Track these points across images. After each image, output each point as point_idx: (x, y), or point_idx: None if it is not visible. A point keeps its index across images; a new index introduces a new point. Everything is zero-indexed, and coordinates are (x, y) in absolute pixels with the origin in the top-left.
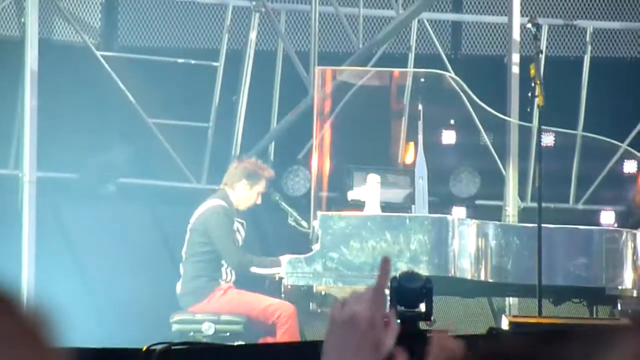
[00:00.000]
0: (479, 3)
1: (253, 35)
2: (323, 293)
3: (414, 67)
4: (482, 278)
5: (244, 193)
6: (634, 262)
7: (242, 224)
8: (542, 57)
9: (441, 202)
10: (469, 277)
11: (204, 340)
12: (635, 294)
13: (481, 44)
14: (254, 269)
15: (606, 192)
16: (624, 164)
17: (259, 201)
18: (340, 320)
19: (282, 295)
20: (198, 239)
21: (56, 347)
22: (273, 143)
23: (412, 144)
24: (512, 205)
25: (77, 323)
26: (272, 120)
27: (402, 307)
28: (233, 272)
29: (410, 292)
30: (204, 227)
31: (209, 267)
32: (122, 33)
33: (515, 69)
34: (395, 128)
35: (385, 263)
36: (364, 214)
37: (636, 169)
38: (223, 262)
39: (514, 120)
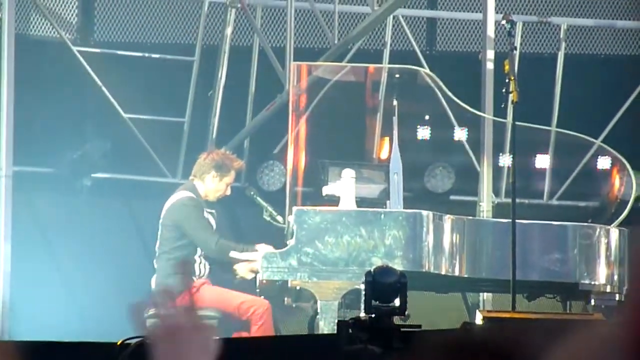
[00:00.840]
0: (454, 0)
1: (229, 30)
2: (298, 288)
3: (389, 63)
4: (457, 273)
5: (213, 184)
6: (607, 257)
7: (212, 213)
8: (517, 53)
9: (416, 197)
10: (443, 272)
11: None
12: (608, 289)
13: (456, 40)
14: (232, 254)
15: (580, 188)
16: (598, 160)
17: (228, 192)
18: (161, 340)
19: (257, 290)
20: (169, 234)
21: None
22: (248, 138)
23: (387, 139)
24: (486, 201)
25: (53, 317)
26: (248, 115)
27: (377, 302)
28: (207, 267)
29: (384, 287)
30: (173, 222)
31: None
32: (99, 28)
33: (490, 65)
34: (370, 123)
35: (184, 265)
36: (339, 209)
37: (610, 165)
38: (196, 257)
39: (488, 116)
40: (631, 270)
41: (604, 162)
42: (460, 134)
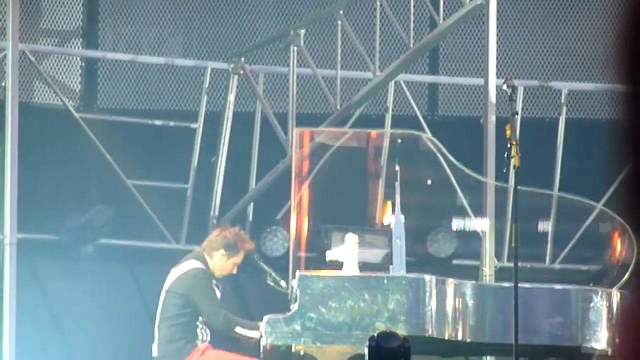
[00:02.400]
0: (455, 65)
1: (231, 96)
2: (302, 353)
3: (391, 128)
4: (460, 338)
5: (220, 262)
6: (609, 320)
7: (217, 285)
8: (518, 118)
9: (418, 261)
10: (446, 336)
11: None
12: (610, 353)
13: (457, 105)
14: (238, 329)
15: (582, 251)
16: (600, 223)
17: (234, 271)
18: None
19: (261, 355)
20: (175, 302)
21: None
22: (252, 204)
23: (389, 203)
24: (488, 265)
25: None
26: (251, 181)
27: None
28: (208, 332)
29: (388, 352)
30: (183, 291)
31: (185, 330)
32: (102, 95)
33: (492, 130)
34: (373, 188)
35: None
36: (342, 274)
37: (611, 229)
38: (198, 323)
39: (490, 180)
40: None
41: (605, 226)
42: (482, 224)
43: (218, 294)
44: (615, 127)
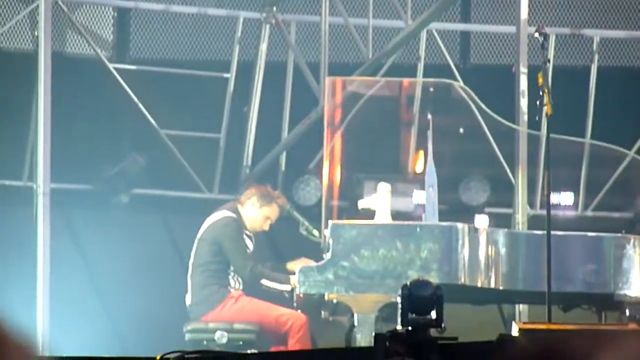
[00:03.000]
0: (487, 13)
1: (263, 46)
2: (335, 301)
3: (423, 77)
4: (492, 285)
5: (251, 212)
6: None
7: (250, 237)
8: (550, 66)
9: (451, 210)
10: (479, 284)
11: (217, 349)
12: None
13: (489, 53)
14: (264, 282)
15: (614, 199)
16: (632, 171)
17: (266, 227)
18: None
19: (294, 304)
20: (207, 248)
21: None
22: (284, 153)
23: (421, 152)
24: (521, 213)
25: (91, 333)
26: (283, 130)
27: (413, 315)
28: (240, 280)
29: (421, 300)
30: (214, 238)
31: (217, 276)
32: (134, 45)
33: (524, 78)
34: (405, 137)
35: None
36: (374, 222)
37: None
38: (230, 271)
39: (522, 128)
40: None
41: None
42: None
43: (250, 245)
44: None
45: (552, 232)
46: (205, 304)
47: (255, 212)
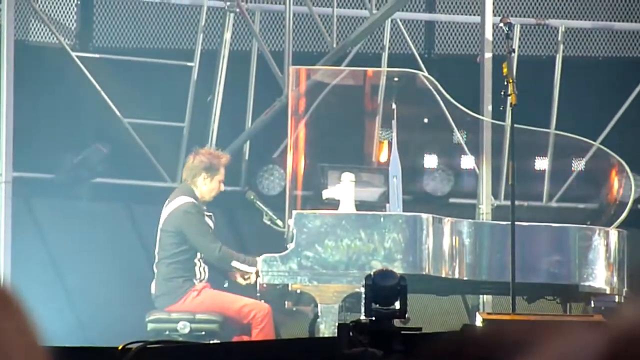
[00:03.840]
0: (452, 3)
1: (227, 35)
2: (298, 292)
3: (388, 66)
4: (457, 276)
5: (206, 186)
6: (607, 259)
7: (210, 216)
8: (515, 56)
9: (415, 200)
10: (443, 275)
11: (180, 339)
12: (607, 291)
13: (454, 43)
14: (234, 263)
15: (578, 190)
16: (596, 161)
17: (222, 188)
18: None
19: (257, 294)
20: (170, 240)
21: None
22: (248, 142)
23: (385, 142)
24: (485, 204)
25: (53, 322)
26: (247, 119)
27: (377, 305)
28: (207, 270)
29: (384, 290)
30: (175, 228)
31: (182, 268)
32: (98, 34)
33: (488, 68)
34: (369, 127)
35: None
36: (338, 212)
37: (609, 167)
38: (196, 261)
39: (487, 118)
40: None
41: (602, 164)
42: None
43: (211, 224)
44: (611, 64)
45: (517, 223)
46: (169, 296)
47: (209, 184)
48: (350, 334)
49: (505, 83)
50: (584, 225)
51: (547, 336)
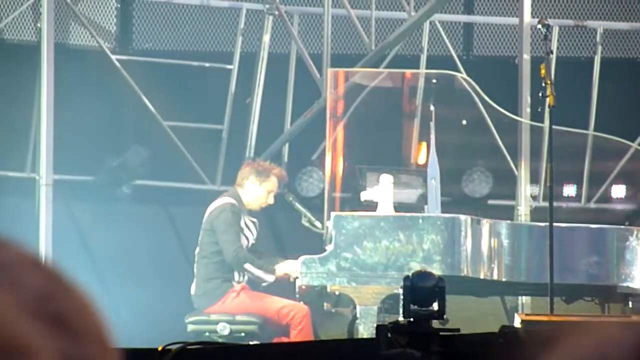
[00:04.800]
0: (490, 4)
1: (266, 38)
2: (337, 293)
3: (426, 68)
4: (495, 277)
5: (253, 190)
6: None
7: (253, 222)
8: (553, 57)
9: (453, 202)
10: (481, 276)
11: (219, 340)
12: None
13: (492, 45)
14: (247, 266)
15: (617, 191)
16: (634, 162)
17: (270, 201)
18: None
19: (297, 296)
20: (208, 239)
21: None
22: (287, 145)
23: (424, 144)
24: (524, 205)
25: None
26: (286, 122)
27: (415, 306)
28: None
29: (423, 291)
30: (211, 227)
31: (221, 269)
32: (137, 37)
33: (526, 70)
34: (408, 129)
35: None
36: (377, 214)
37: None
38: None
39: (525, 120)
40: None
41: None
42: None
43: (254, 230)
44: None
45: (555, 224)
46: (208, 297)
47: (257, 189)
48: (389, 335)
49: (544, 85)
50: (622, 226)
51: (584, 335)
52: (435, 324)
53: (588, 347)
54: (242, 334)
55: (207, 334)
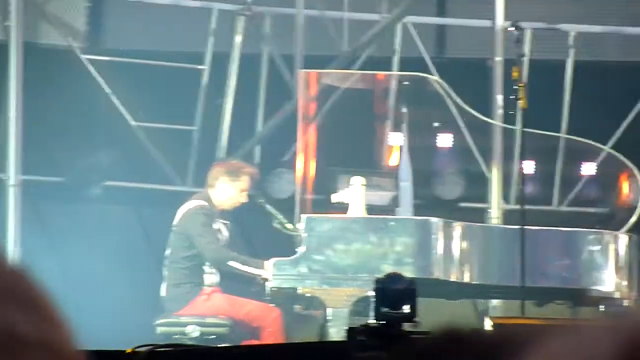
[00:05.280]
0: (463, 7)
1: (238, 38)
2: (308, 295)
3: (399, 70)
4: (466, 280)
5: (225, 190)
6: (616, 263)
7: (225, 224)
8: (525, 60)
9: (425, 204)
10: (453, 278)
11: (189, 342)
12: (617, 295)
13: (465, 47)
14: (231, 263)
15: (589, 194)
16: (607, 166)
17: (243, 199)
18: None
19: (267, 298)
20: (180, 244)
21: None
22: (258, 146)
23: (396, 146)
24: (495, 207)
25: None
26: (257, 123)
27: (387, 309)
28: (218, 275)
29: (394, 294)
30: (183, 230)
31: (191, 274)
32: (108, 37)
33: (499, 72)
34: (380, 131)
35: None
36: (348, 216)
37: (619, 171)
38: (205, 267)
39: (497, 122)
40: None
41: (613, 168)
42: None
43: (226, 232)
44: (621, 69)
45: (526, 227)
46: (177, 301)
47: (229, 188)
48: (360, 337)
49: (516, 87)
50: (594, 230)
51: (555, 337)
52: (407, 326)
53: (568, 350)
54: (212, 336)
55: (176, 336)
